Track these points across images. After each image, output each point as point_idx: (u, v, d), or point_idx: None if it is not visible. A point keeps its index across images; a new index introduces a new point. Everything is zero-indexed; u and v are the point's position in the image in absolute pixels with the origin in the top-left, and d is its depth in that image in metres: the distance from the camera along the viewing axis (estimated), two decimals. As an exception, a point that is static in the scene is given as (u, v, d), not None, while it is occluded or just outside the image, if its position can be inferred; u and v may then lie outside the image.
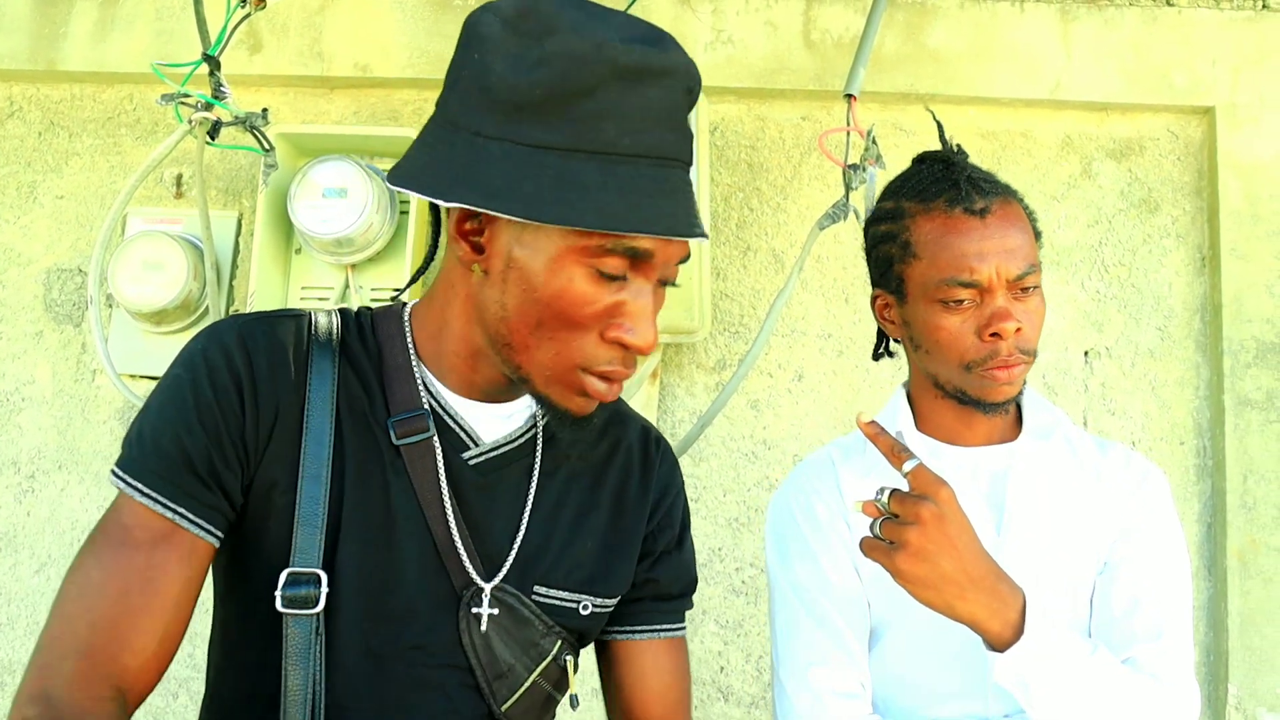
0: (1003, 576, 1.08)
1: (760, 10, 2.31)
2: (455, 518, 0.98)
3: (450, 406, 1.00)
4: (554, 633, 1.03)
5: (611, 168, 0.86)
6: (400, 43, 2.31)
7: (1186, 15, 2.30)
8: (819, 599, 1.25)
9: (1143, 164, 2.32)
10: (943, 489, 1.06)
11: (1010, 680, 1.08)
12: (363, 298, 2.19)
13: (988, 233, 1.19)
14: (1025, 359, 1.20)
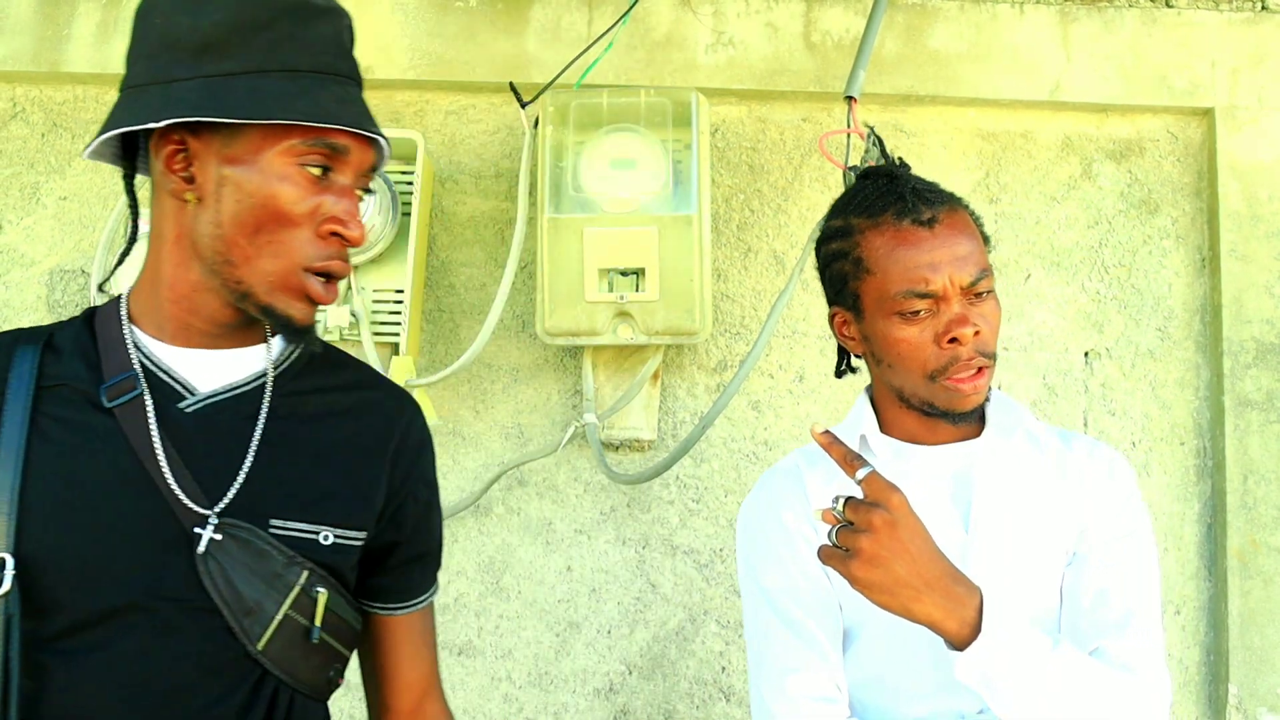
0: (958, 577, 1.09)
1: (761, 12, 2.32)
2: (171, 463, 1.02)
3: (163, 362, 1.06)
4: (297, 564, 1.05)
5: (296, 79, 1.00)
6: (401, 44, 2.31)
7: (1186, 17, 2.31)
8: (790, 605, 1.26)
9: (1142, 165, 2.33)
10: (894, 495, 1.08)
11: (972, 678, 1.09)
12: (365, 299, 2.20)
13: (937, 242, 1.21)
14: (986, 362, 1.23)
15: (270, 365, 1.10)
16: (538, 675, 2.19)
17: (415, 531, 1.18)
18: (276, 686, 1.06)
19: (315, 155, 1.01)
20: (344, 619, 1.11)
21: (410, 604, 1.20)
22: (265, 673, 1.05)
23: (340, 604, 1.10)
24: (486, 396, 2.26)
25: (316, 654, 1.08)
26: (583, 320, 2.09)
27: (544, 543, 2.22)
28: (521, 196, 2.15)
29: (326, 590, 1.07)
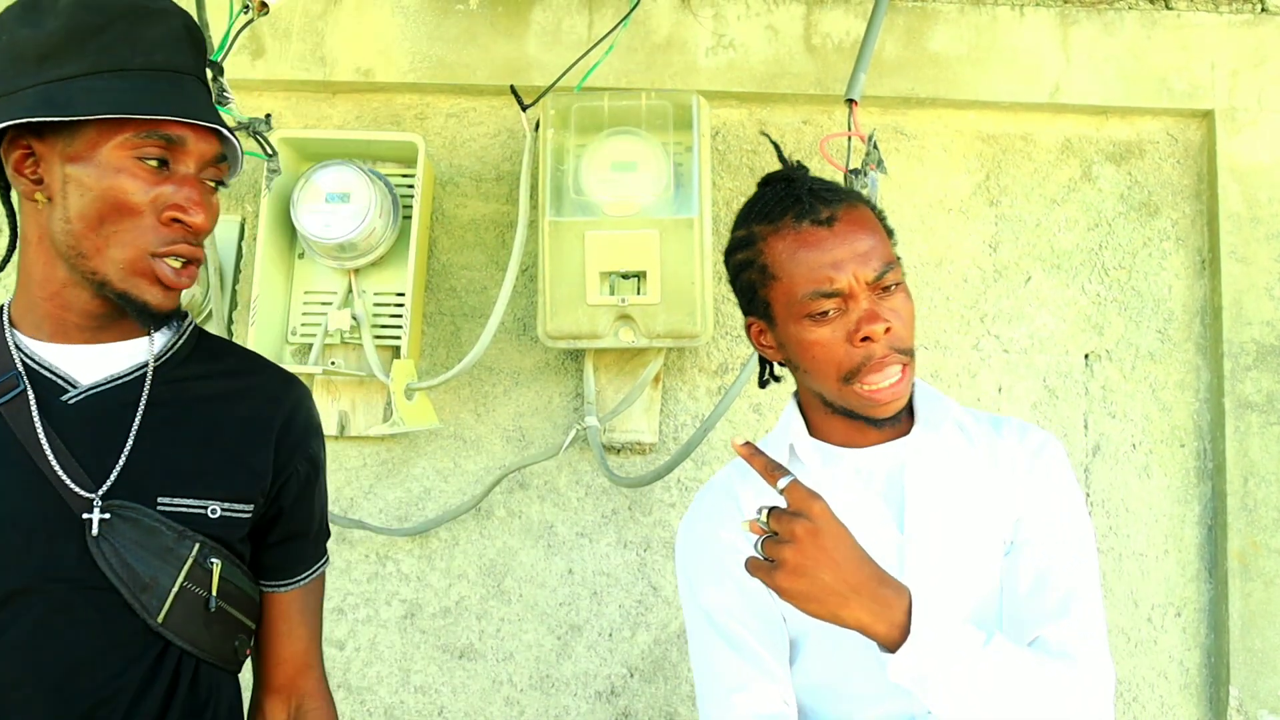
0: (885, 580, 1.09)
1: (761, 15, 2.32)
2: (56, 453, 1.08)
3: (44, 360, 1.12)
4: (188, 537, 1.11)
5: (127, 76, 1.06)
6: (402, 47, 2.31)
7: (1185, 19, 2.31)
8: (731, 623, 1.25)
9: (1142, 167, 2.33)
10: (815, 503, 1.07)
11: (905, 679, 1.08)
12: (366, 302, 2.20)
13: (838, 240, 1.20)
14: (901, 358, 1.21)
15: (150, 355, 1.16)
16: (539, 678, 2.19)
17: (296, 508, 1.23)
18: (180, 657, 1.12)
19: (150, 147, 1.07)
20: (241, 589, 1.18)
21: (290, 581, 1.26)
22: (168, 645, 1.11)
23: (236, 574, 1.16)
24: (488, 399, 2.26)
25: (217, 623, 1.14)
26: (584, 323, 2.09)
27: (545, 545, 2.22)
28: (523, 199, 2.15)
29: (220, 561, 1.13)
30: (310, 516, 1.27)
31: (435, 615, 2.21)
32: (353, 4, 2.34)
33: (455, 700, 2.19)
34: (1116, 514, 2.22)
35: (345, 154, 2.18)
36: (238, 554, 1.17)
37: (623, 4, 2.26)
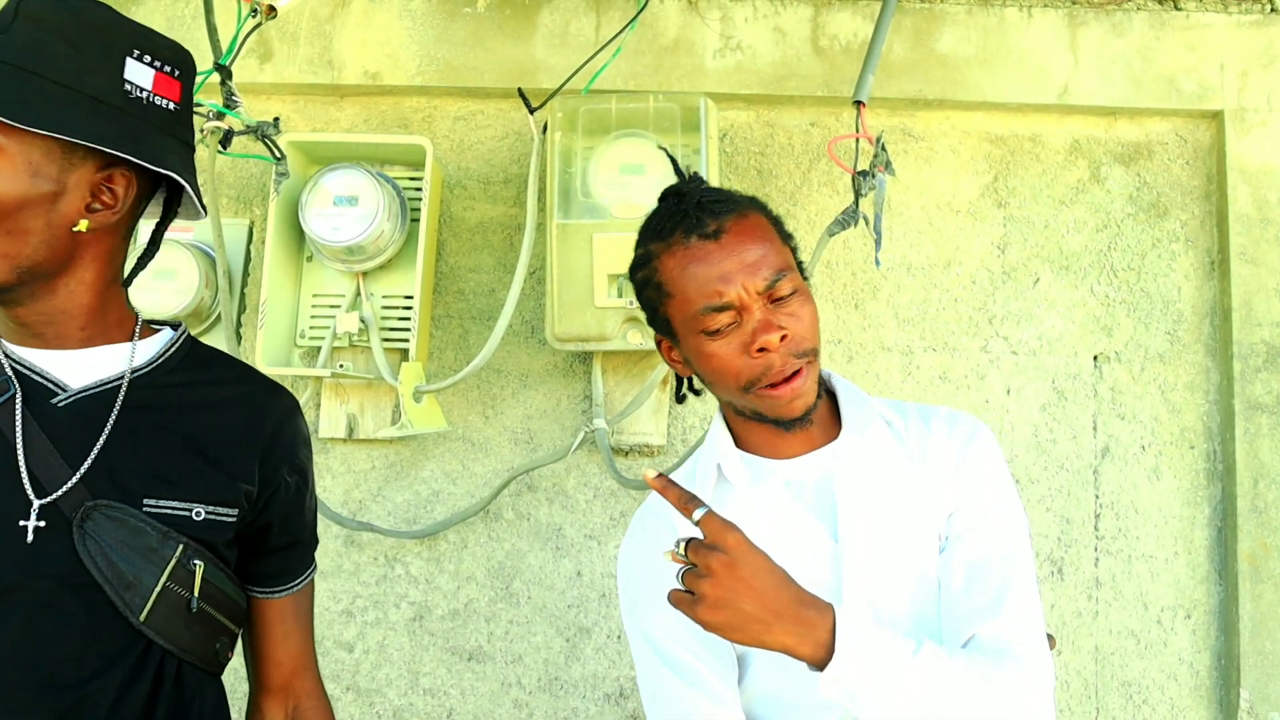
0: (807, 601, 1.08)
1: (769, 17, 2.32)
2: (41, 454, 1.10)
3: (34, 365, 1.14)
4: (172, 538, 1.12)
5: None
6: (410, 50, 2.32)
7: (1194, 19, 2.31)
8: (674, 648, 1.24)
9: (1151, 168, 2.33)
10: (730, 534, 1.06)
11: (836, 694, 1.08)
12: (374, 305, 2.20)
13: (725, 253, 1.19)
14: (801, 362, 1.20)
15: (129, 360, 1.17)
16: (548, 680, 2.19)
17: (287, 518, 1.25)
18: (163, 657, 1.13)
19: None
20: (224, 592, 1.19)
21: (282, 588, 1.28)
22: (150, 643, 1.12)
23: (219, 577, 1.18)
24: (496, 402, 2.27)
25: (199, 624, 1.16)
26: (592, 325, 2.09)
27: (554, 548, 2.23)
28: (530, 202, 2.15)
29: (203, 563, 1.14)
30: (303, 526, 1.29)
31: (444, 617, 2.21)
32: (360, 7, 2.34)
33: (464, 702, 2.19)
34: (1126, 516, 2.22)
35: (353, 157, 2.18)
36: (222, 558, 1.18)
37: (630, 6, 2.27)
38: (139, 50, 1.11)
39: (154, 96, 1.12)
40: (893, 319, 2.28)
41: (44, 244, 1.07)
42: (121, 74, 1.09)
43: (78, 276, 1.12)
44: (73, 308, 1.13)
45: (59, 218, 1.07)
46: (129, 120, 1.09)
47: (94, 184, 1.09)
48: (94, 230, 1.10)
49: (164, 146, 1.12)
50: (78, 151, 1.07)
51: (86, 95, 1.06)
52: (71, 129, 1.04)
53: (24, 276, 1.08)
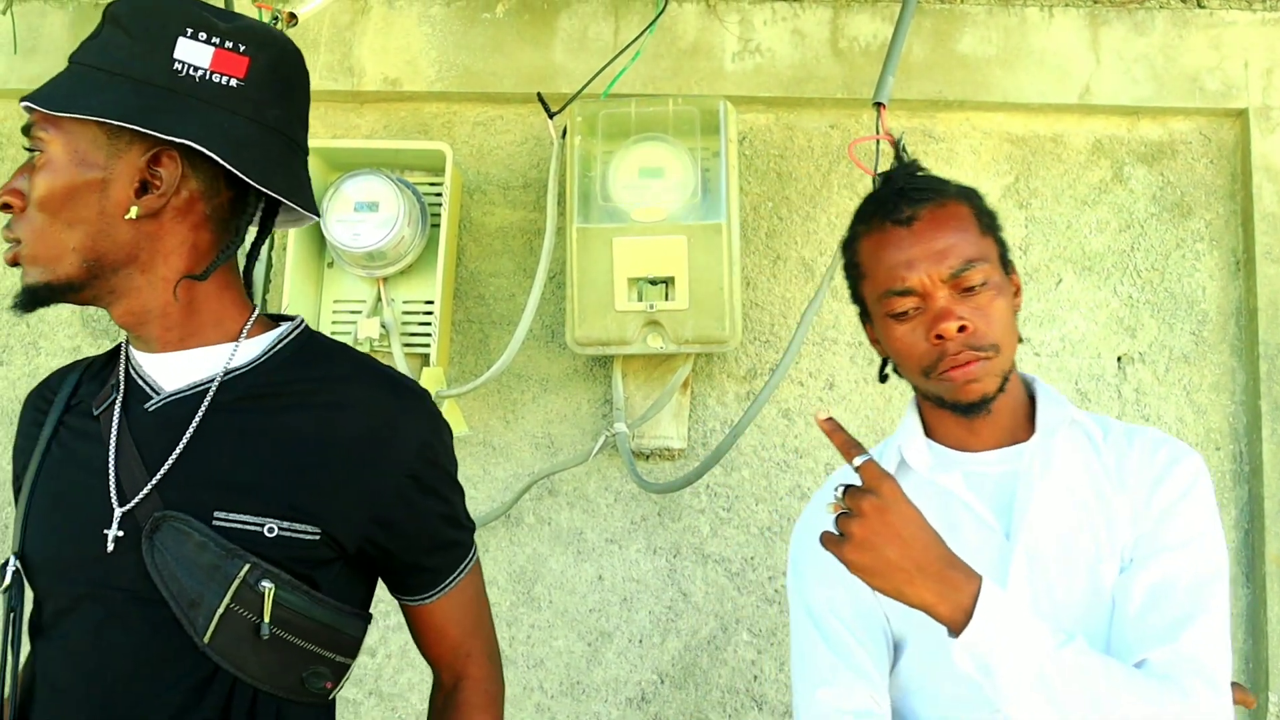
0: (955, 563, 1.09)
1: (788, 19, 2.32)
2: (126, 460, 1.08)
3: (142, 369, 1.13)
4: (238, 556, 1.04)
5: None
6: (429, 57, 2.33)
7: (1218, 17, 2.29)
8: (830, 619, 1.27)
9: (1175, 168, 2.31)
10: (886, 482, 1.09)
11: (968, 664, 1.07)
12: (395, 310, 2.21)
13: (914, 239, 1.23)
14: (981, 355, 1.21)
15: (224, 361, 1.12)
16: (570, 685, 2.19)
17: (414, 542, 1.16)
18: (234, 683, 1.06)
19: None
20: (309, 617, 1.09)
21: (422, 597, 1.21)
22: (218, 668, 1.06)
23: (300, 601, 1.08)
24: (516, 406, 2.27)
25: (270, 651, 1.07)
26: (612, 330, 2.09)
27: (575, 552, 2.23)
28: (550, 207, 2.15)
29: (273, 585, 1.05)
30: (433, 537, 1.18)
31: (466, 622, 2.21)
32: (380, 14, 2.35)
33: (486, 707, 2.19)
34: (1151, 518, 2.20)
35: (373, 163, 2.19)
36: (304, 578, 1.08)
37: (648, 10, 2.27)
38: (193, 28, 1.07)
39: (211, 74, 1.07)
40: (914, 321, 2.27)
41: (102, 234, 1.06)
42: (171, 53, 1.06)
43: (157, 272, 1.09)
44: (155, 306, 1.10)
45: (111, 205, 1.06)
46: (172, 98, 1.05)
47: (141, 169, 1.06)
48: (147, 216, 1.07)
49: (209, 121, 1.06)
50: (123, 137, 1.06)
51: (130, 78, 1.05)
52: (83, 107, 1.04)
53: (93, 270, 1.07)
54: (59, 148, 1.06)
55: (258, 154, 1.08)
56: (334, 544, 1.09)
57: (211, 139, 1.05)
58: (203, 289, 1.12)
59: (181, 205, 1.09)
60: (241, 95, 1.08)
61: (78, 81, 1.07)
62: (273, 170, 1.10)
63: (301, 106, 1.16)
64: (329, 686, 1.14)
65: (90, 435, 1.11)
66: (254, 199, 1.13)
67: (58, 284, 1.07)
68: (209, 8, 1.11)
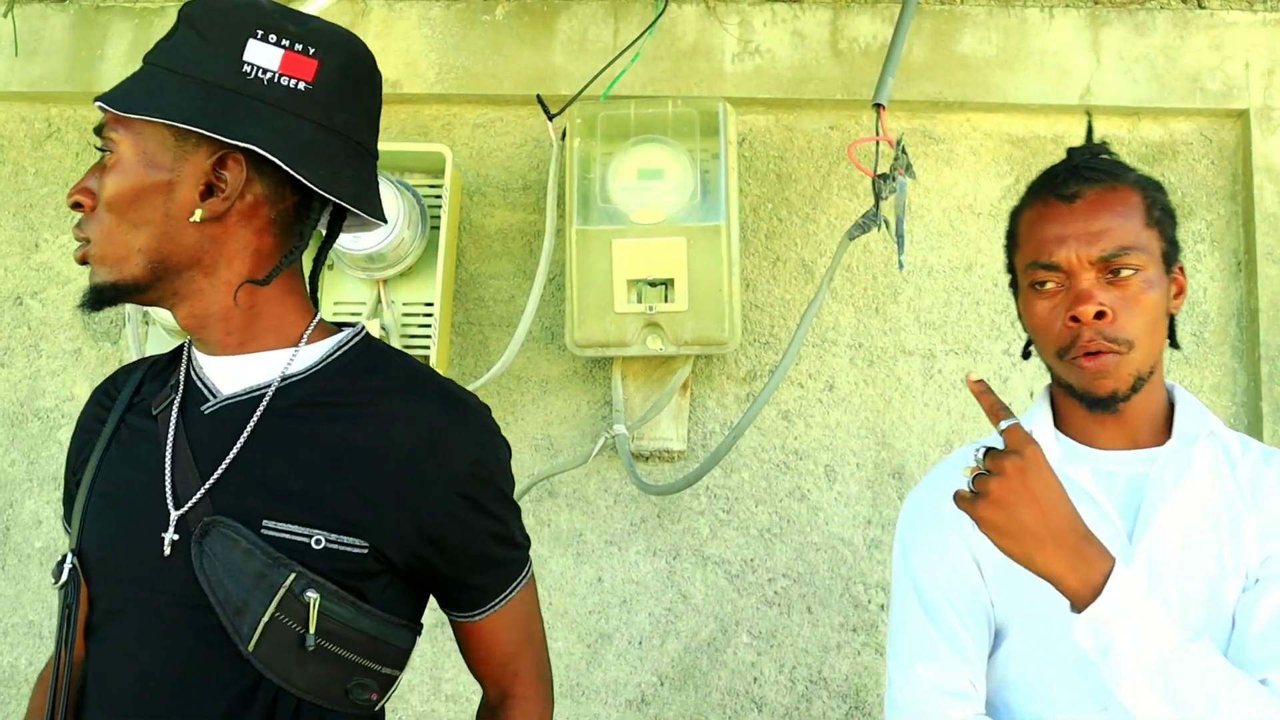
0: (1091, 539, 1.06)
1: (787, 21, 2.32)
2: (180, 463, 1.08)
3: (202, 371, 1.13)
4: (284, 565, 1.03)
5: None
6: (429, 59, 2.33)
7: (1218, 18, 2.28)
8: (934, 593, 1.24)
9: (1175, 169, 2.30)
10: (1031, 446, 1.06)
11: (1088, 641, 1.05)
12: (395, 313, 2.21)
13: (1072, 216, 1.20)
14: (1113, 347, 1.17)
15: (283, 367, 1.11)
16: (569, 686, 2.19)
17: (464, 560, 1.13)
18: (278, 693, 1.05)
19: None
20: (356, 629, 1.07)
21: (470, 614, 1.18)
22: (262, 677, 1.05)
23: (346, 613, 1.06)
24: (516, 408, 2.27)
25: (315, 662, 1.06)
26: (612, 331, 2.09)
27: (574, 554, 2.22)
28: (550, 208, 2.15)
29: (318, 595, 1.04)
30: (483, 554, 1.15)
31: (466, 624, 2.22)
32: (380, 16, 2.36)
33: (486, 709, 2.20)
34: (1152, 520, 2.19)
35: (373, 165, 2.19)
36: (352, 590, 1.07)
37: (648, 12, 2.27)
38: (263, 30, 1.07)
39: (280, 76, 1.06)
40: (914, 322, 2.27)
41: (168, 235, 1.06)
42: (241, 55, 1.06)
43: (220, 276, 1.09)
44: (217, 310, 1.10)
45: (176, 207, 1.06)
46: (239, 101, 1.05)
47: (206, 171, 1.06)
48: (211, 219, 1.07)
49: (275, 125, 1.05)
50: (190, 139, 1.05)
51: (199, 80, 1.05)
52: (151, 109, 1.04)
53: (158, 271, 1.07)
54: (128, 148, 1.06)
55: (323, 159, 1.07)
56: (382, 558, 1.08)
57: (276, 143, 1.04)
58: (265, 294, 1.11)
59: (246, 209, 1.08)
60: (309, 99, 1.07)
61: (149, 83, 1.07)
62: (338, 175, 1.09)
63: (371, 111, 1.15)
64: (374, 698, 1.12)
65: (148, 435, 1.11)
66: (319, 204, 1.13)
67: (124, 284, 1.07)
68: (282, 10, 1.10)
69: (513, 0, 2.35)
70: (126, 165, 1.06)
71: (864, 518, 2.21)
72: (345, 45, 1.11)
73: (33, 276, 2.38)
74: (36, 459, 2.31)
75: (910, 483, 2.20)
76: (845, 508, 2.21)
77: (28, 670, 2.24)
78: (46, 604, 2.26)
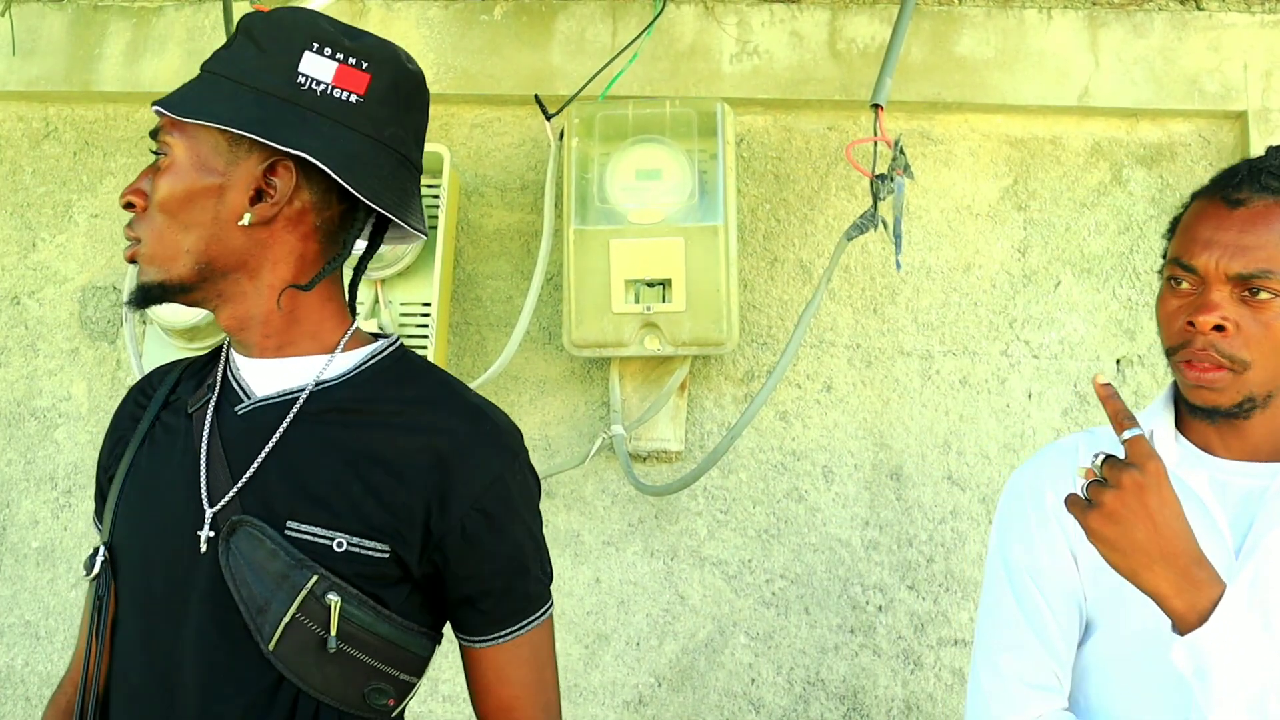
0: (1203, 563, 1.04)
1: (785, 21, 2.32)
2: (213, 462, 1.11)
3: (239, 373, 1.16)
4: (306, 567, 1.05)
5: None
6: (427, 59, 2.32)
7: (1217, 19, 2.28)
8: (1027, 583, 1.23)
9: (1174, 170, 2.30)
10: (1153, 461, 1.04)
11: (1186, 664, 1.03)
12: (392, 312, 2.21)
13: (1229, 224, 1.16)
14: (1225, 364, 1.14)
15: (317, 372, 1.14)
16: (566, 688, 2.18)
17: (470, 580, 1.13)
18: (298, 694, 1.07)
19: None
20: (376, 633, 1.09)
21: (473, 640, 1.16)
22: (282, 678, 1.07)
23: (366, 617, 1.08)
24: (513, 409, 2.27)
25: (334, 664, 1.07)
26: (609, 332, 2.09)
27: (572, 554, 2.22)
28: (547, 208, 2.15)
29: (339, 598, 1.06)
30: (486, 579, 1.13)
31: (463, 624, 2.21)
32: (378, 16, 2.36)
33: (483, 709, 2.19)
34: (1150, 521, 2.19)
35: (371, 165, 2.19)
36: (373, 595, 1.08)
37: (646, 12, 2.27)
38: (319, 43, 1.10)
39: (333, 89, 1.10)
40: (912, 323, 2.27)
41: (215, 238, 1.09)
42: (296, 66, 1.09)
43: (264, 279, 1.12)
44: (259, 313, 1.13)
45: (226, 211, 1.09)
46: (293, 110, 1.08)
47: (257, 177, 1.09)
48: (259, 223, 1.10)
49: (326, 135, 1.08)
50: (243, 145, 1.09)
51: (255, 88, 1.09)
52: (207, 114, 1.07)
53: (204, 272, 1.10)
54: (183, 151, 1.09)
55: (370, 170, 1.10)
56: (402, 564, 1.09)
57: (326, 152, 1.07)
58: (306, 299, 1.14)
59: (293, 215, 1.11)
60: (360, 111, 1.10)
61: (206, 89, 1.10)
62: (384, 187, 1.11)
63: (419, 126, 1.18)
64: (391, 704, 1.13)
65: (183, 433, 1.14)
66: (363, 214, 1.15)
67: (170, 284, 1.10)
68: (338, 25, 1.13)
69: (511, 0, 2.35)
70: (180, 168, 1.09)
71: (862, 519, 2.20)
72: (396, 60, 1.15)
73: (30, 276, 2.37)
74: (34, 459, 2.31)
75: (908, 484, 2.20)
76: (843, 509, 2.21)
77: (24, 671, 2.24)
78: (43, 604, 2.26)
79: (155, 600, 1.09)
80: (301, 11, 1.14)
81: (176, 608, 1.08)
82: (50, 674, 2.23)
